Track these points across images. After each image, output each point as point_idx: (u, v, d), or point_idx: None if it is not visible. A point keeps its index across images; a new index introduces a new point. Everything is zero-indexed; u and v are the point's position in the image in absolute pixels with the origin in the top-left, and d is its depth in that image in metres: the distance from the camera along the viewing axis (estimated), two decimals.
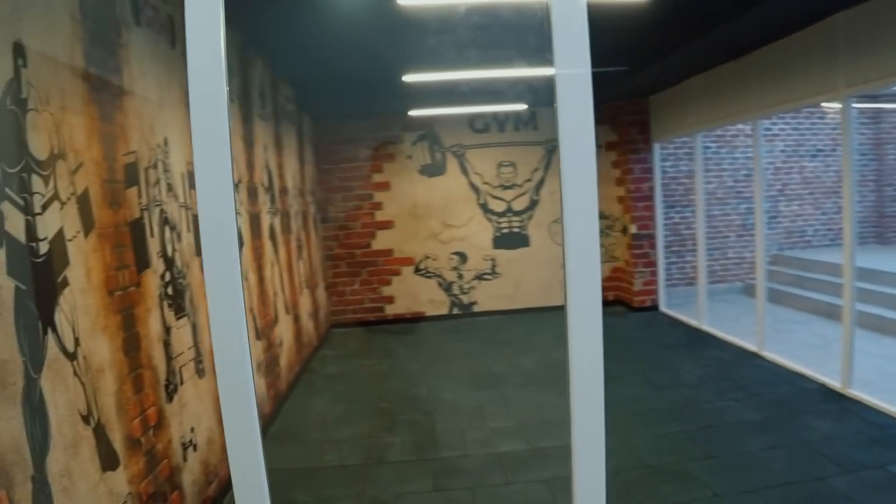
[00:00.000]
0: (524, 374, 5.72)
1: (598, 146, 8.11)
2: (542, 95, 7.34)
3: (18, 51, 2.03)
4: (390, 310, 8.58)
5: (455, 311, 8.62)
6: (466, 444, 4.25)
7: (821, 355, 5.42)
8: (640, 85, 6.96)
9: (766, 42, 5.18)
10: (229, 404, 1.55)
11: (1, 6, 1.96)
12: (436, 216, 8.50)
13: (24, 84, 2.05)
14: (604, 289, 8.33)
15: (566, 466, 3.82)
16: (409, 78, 5.85)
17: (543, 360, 6.11)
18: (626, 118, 7.95)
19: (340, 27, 4.79)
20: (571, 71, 1.43)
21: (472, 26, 4.48)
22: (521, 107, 7.85)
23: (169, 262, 3.17)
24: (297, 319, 6.28)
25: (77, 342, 2.27)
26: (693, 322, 7.01)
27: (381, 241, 8.49)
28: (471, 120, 8.29)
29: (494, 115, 8.26)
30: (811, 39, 4.76)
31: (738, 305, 7.90)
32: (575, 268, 1.49)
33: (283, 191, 6.18)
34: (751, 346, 5.81)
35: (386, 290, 8.56)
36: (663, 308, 7.97)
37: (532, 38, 5.13)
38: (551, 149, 8.37)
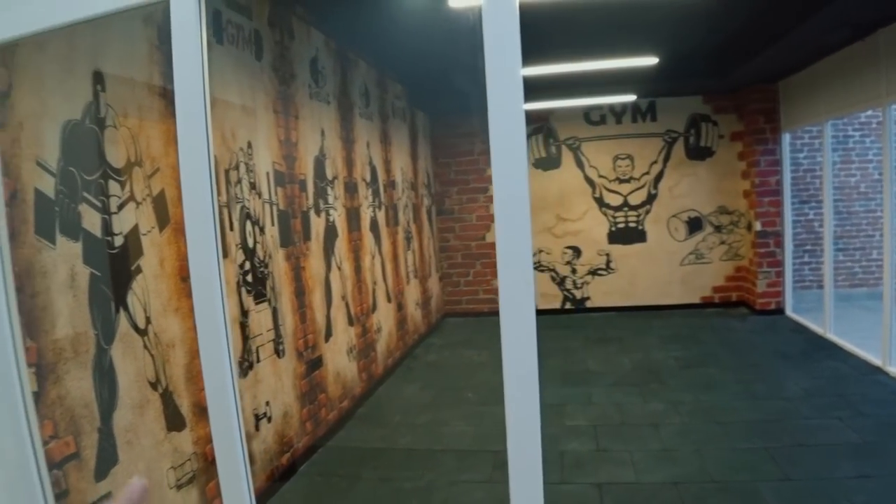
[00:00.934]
0: (617, 374, 5.60)
1: (721, 136, 7.74)
2: (659, 85, 7.05)
3: (97, 78, 2.44)
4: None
5: (567, 305, 8.55)
6: None
7: None
8: (768, 69, 6.42)
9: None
10: (214, 401, 1.81)
11: (82, 41, 2.37)
12: (550, 210, 8.48)
13: (102, 105, 2.46)
14: (726, 289, 7.95)
15: (626, 470, 3.76)
16: None
17: (641, 361, 5.93)
18: (752, 106, 7.35)
19: (442, 24, 4.97)
20: (502, 68, 1.49)
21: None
22: (631, 98, 7.56)
23: (249, 253, 3.56)
24: (400, 308, 6.63)
25: (148, 320, 2.68)
26: (818, 329, 6.39)
27: (495, 233, 8.61)
28: (586, 112, 8.13)
29: (611, 107, 8.04)
30: None
31: (878, 313, 7.03)
32: (506, 273, 1.56)
33: (390, 185, 6.54)
34: (875, 360, 5.20)
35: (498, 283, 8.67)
36: (789, 312, 7.30)
37: (638, 26, 4.99)
38: (671, 141, 7.98)
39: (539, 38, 5.20)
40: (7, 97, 2.00)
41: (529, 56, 5.49)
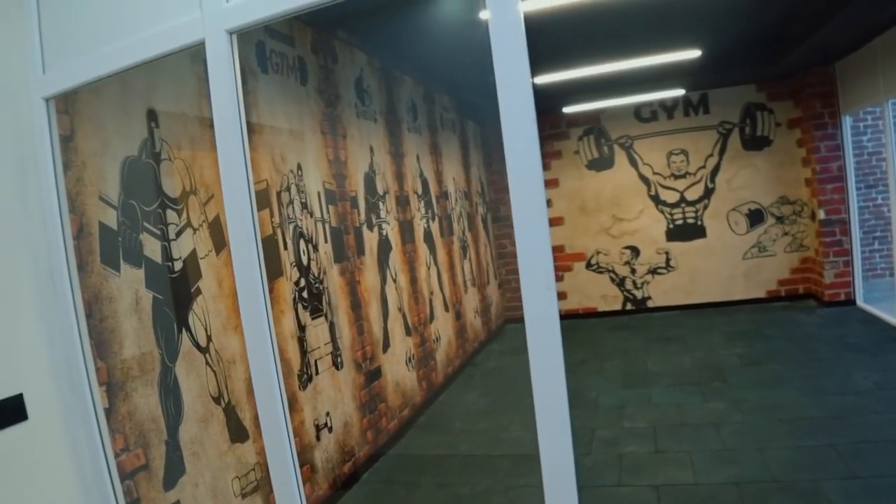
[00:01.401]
0: (678, 374, 5.48)
1: (777, 124, 7.46)
2: (707, 77, 6.87)
3: (151, 115, 2.64)
4: (562, 305, 8.63)
5: (628, 306, 8.41)
6: (593, 443, 4.27)
7: None
8: (821, 51, 6.14)
9: None
10: (264, 406, 1.93)
11: (135, 83, 2.57)
12: (605, 210, 8.39)
13: (157, 140, 2.66)
14: (793, 281, 7.67)
15: (685, 471, 3.71)
16: (544, 79, 5.88)
17: (703, 360, 5.77)
18: (808, 90, 7.04)
19: (482, 35, 5.05)
20: (512, 81, 1.57)
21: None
22: (679, 92, 7.37)
23: (304, 270, 3.72)
24: (458, 316, 6.70)
25: (209, 339, 2.86)
26: (891, 319, 6.04)
27: (552, 237, 8.57)
28: (636, 109, 8.01)
29: (661, 103, 7.89)
30: None
31: None
32: (528, 277, 1.62)
33: (443, 196, 6.63)
34: None
35: (558, 286, 8.64)
36: (860, 302, 6.92)
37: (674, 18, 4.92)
38: (726, 132, 7.75)
39: (578, 39, 5.20)
40: (70, 140, 2.19)
41: (570, 59, 5.49)
